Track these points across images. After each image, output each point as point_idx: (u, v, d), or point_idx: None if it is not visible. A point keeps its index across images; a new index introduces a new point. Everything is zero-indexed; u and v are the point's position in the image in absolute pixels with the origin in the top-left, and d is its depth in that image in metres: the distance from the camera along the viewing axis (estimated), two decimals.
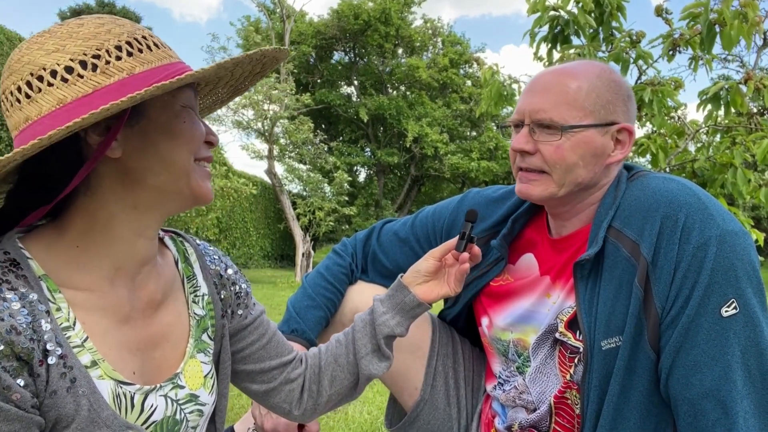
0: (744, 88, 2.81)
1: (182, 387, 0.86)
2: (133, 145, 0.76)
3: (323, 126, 20.42)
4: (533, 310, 1.24)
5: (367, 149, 21.23)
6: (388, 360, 1.09)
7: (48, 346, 0.70)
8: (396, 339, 1.12)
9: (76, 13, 24.69)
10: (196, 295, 0.94)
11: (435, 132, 19.18)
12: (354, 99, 21.54)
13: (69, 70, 0.71)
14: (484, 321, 1.35)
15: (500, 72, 3.71)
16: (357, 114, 19.49)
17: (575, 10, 3.04)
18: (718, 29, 2.66)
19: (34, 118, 0.71)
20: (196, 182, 0.81)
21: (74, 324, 0.74)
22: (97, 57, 0.71)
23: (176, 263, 0.94)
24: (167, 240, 0.95)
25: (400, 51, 21.84)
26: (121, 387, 0.77)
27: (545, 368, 1.22)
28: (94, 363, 0.75)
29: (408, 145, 19.37)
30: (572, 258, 1.19)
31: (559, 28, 3.11)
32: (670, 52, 2.98)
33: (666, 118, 3.10)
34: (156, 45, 0.77)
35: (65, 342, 0.72)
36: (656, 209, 1.06)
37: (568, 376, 1.19)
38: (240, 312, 1.01)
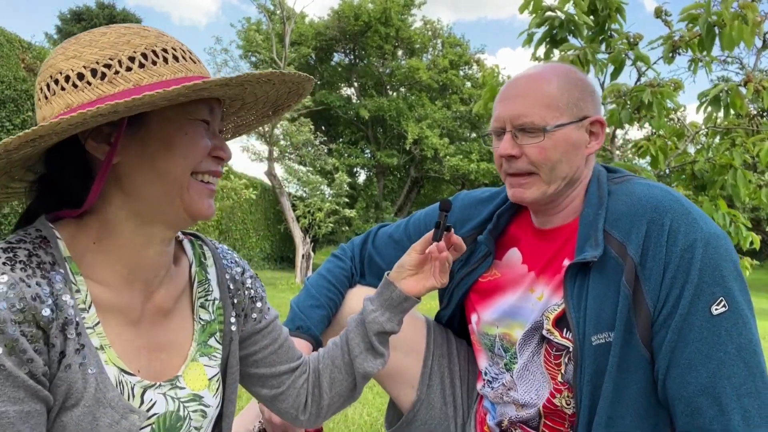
0: (744, 90, 2.81)
1: (182, 388, 0.87)
2: (131, 153, 0.77)
3: (323, 127, 20.44)
4: (518, 305, 1.27)
5: (367, 151, 21.24)
6: (382, 357, 1.10)
7: (68, 321, 0.73)
8: (392, 339, 1.13)
9: (76, 14, 24.69)
10: (206, 300, 0.95)
11: (435, 134, 19.18)
12: (354, 100, 21.54)
13: (80, 76, 0.73)
14: (473, 318, 1.38)
15: (500, 73, 3.72)
16: (357, 115, 19.49)
17: (572, 11, 3.04)
18: (717, 31, 2.66)
19: (48, 118, 0.73)
20: (191, 197, 0.80)
21: (89, 307, 0.77)
22: (108, 66, 0.73)
23: (190, 266, 0.95)
24: (186, 243, 0.96)
25: (400, 52, 21.85)
26: (123, 375, 0.79)
27: (531, 366, 1.24)
28: (101, 347, 0.77)
29: (408, 147, 19.38)
30: (558, 252, 1.23)
31: (555, 29, 3.11)
32: (670, 54, 2.98)
33: (665, 119, 3.10)
34: (176, 58, 0.77)
35: (81, 321, 0.75)
36: (642, 213, 1.12)
37: (559, 377, 1.20)
38: (254, 316, 1.02)
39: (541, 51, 3.41)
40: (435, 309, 1.51)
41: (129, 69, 0.73)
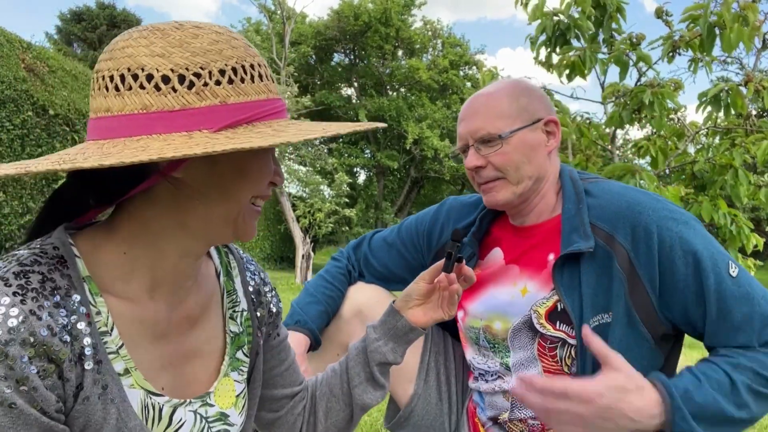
0: (744, 90, 2.81)
1: (212, 405, 0.84)
2: (199, 170, 0.72)
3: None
4: (501, 298, 1.33)
5: (367, 151, 21.24)
6: (383, 389, 1.06)
7: (85, 351, 0.69)
8: None
9: (76, 14, 24.69)
10: (234, 311, 0.92)
11: (435, 135, 19.18)
12: (354, 100, 21.54)
13: (165, 79, 0.67)
14: (460, 314, 1.43)
15: (499, 75, 3.72)
16: (357, 115, 19.50)
17: (576, 14, 3.05)
18: (718, 32, 2.66)
19: (115, 112, 0.68)
20: (244, 221, 0.77)
21: (111, 330, 0.73)
22: (198, 75, 0.68)
23: (218, 275, 0.91)
24: (212, 250, 0.92)
25: (400, 53, 21.86)
26: (150, 398, 0.76)
27: (526, 359, 1.29)
28: (127, 371, 0.74)
29: (408, 147, 19.38)
30: (539, 247, 1.31)
31: (559, 32, 3.11)
32: (670, 54, 2.98)
33: (666, 119, 3.10)
34: (261, 76, 0.73)
35: (102, 346, 0.71)
36: (626, 207, 1.20)
37: (555, 367, 1.26)
38: (270, 332, 0.99)
39: (543, 55, 3.41)
40: None
41: (218, 83, 0.69)
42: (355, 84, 22.02)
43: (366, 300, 1.48)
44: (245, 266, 0.97)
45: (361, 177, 22.39)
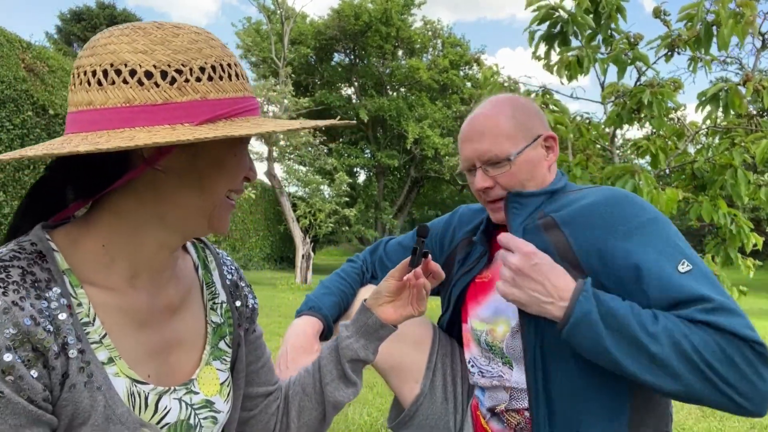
0: (743, 90, 2.81)
1: (196, 393, 0.86)
2: (179, 162, 0.76)
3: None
4: (501, 303, 1.33)
5: (367, 151, 21.24)
6: (354, 386, 1.07)
7: (68, 340, 0.71)
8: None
9: (76, 14, 24.71)
10: (214, 303, 0.94)
11: (436, 134, 19.18)
12: (354, 100, 21.55)
13: (148, 75, 0.70)
14: (467, 317, 1.45)
15: (500, 73, 3.72)
16: (357, 115, 19.50)
17: (574, 9, 3.04)
18: (715, 30, 2.66)
19: (97, 105, 0.70)
20: (218, 214, 0.81)
21: (94, 320, 0.75)
22: (179, 72, 0.71)
23: (196, 269, 0.94)
24: (188, 245, 0.95)
25: (400, 52, 21.86)
26: (135, 386, 0.77)
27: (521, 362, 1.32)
28: (111, 360, 0.75)
29: (408, 147, 19.37)
30: None
31: (558, 27, 3.11)
32: (668, 53, 2.98)
33: (665, 119, 3.10)
34: (237, 75, 0.77)
35: (84, 337, 0.73)
36: (592, 202, 1.22)
37: None
38: (247, 327, 1.01)
39: (542, 50, 3.41)
40: (437, 311, 1.57)
41: (198, 79, 0.72)
42: (355, 84, 22.02)
43: None
44: (222, 261, 0.99)
45: (361, 177, 22.41)
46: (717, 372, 0.98)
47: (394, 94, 21.86)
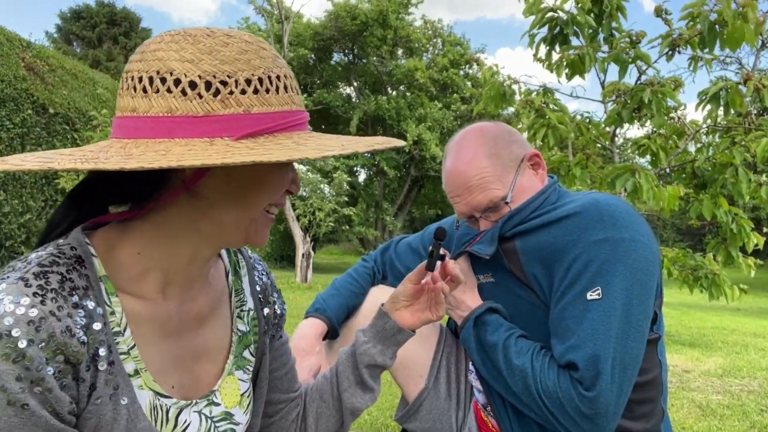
0: (744, 89, 2.81)
1: (217, 404, 0.85)
2: (217, 178, 0.74)
3: (323, 127, 20.41)
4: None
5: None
6: (372, 392, 1.05)
7: (100, 351, 0.70)
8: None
9: (76, 13, 24.69)
10: (241, 310, 0.93)
11: (435, 139, 19.13)
12: (353, 99, 21.54)
13: (192, 85, 0.68)
14: None
15: (500, 72, 3.71)
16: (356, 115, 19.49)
17: (574, 10, 3.04)
18: (718, 29, 2.66)
19: (140, 113, 0.69)
20: (256, 229, 0.79)
21: (124, 330, 0.74)
22: (224, 83, 0.69)
23: (227, 275, 0.93)
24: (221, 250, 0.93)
25: (399, 52, 21.85)
26: (158, 399, 0.77)
27: None
28: (137, 372, 0.75)
29: (408, 148, 19.36)
30: None
31: (558, 28, 3.11)
32: (669, 52, 2.98)
33: (666, 118, 3.10)
34: (285, 88, 0.74)
35: (114, 347, 0.72)
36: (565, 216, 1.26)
37: None
38: (273, 333, 1.00)
39: (543, 52, 3.41)
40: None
41: (243, 92, 0.70)
42: (354, 83, 22.02)
43: (385, 299, 1.54)
44: (253, 266, 0.98)
45: (362, 176, 22.40)
46: (553, 414, 1.17)
47: (394, 93, 21.85)
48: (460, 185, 1.33)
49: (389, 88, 21.87)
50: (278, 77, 0.73)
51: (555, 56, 3.25)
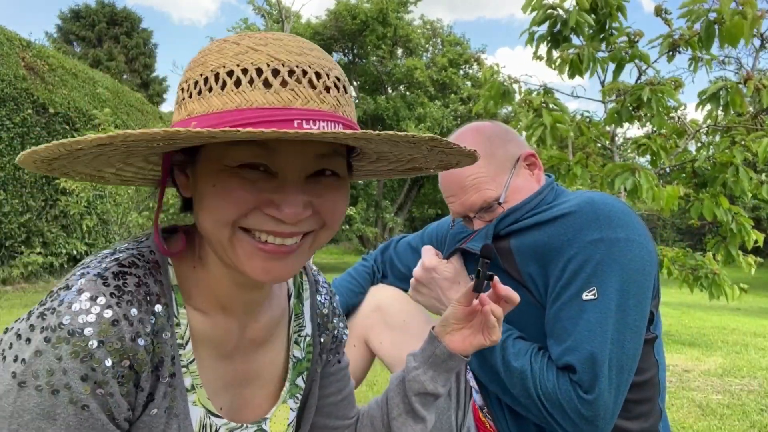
0: (744, 89, 2.81)
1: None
2: (194, 187, 0.70)
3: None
4: None
5: None
6: (423, 422, 0.98)
7: (164, 361, 0.69)
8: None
9: (76, 13, 24.67)
10: (299, 335, 0.89)
11: None
12: (353, 99, 21.51)
13: (198, 84, 0.65)
14: None
15: (500, 72, 3.71)
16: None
17: (572, 9, 3.04)
18: (717, 28, 2.66)
19: (184, 116, 0.66)
20: (236, 256, 0.68)
21: (186, 343, 0.73)
22: (205, 82, 0.64)
23: (289, 297, 0.89)
24: None
25: (399, 51, 21.84)
26: (209, 417, 0.75)
27: None
28: (192, 387, 0.74)
29: None
30: None
31: (557, 27, 3.11)
32: (670, 53, 2.98)
33: (665, 118, 3.10)
34: (284, 82, 0.63)
35: (177, 360, 0.71)
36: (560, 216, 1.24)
37: None
38: (329, 358, 0.96)
39: (543, 50, 3.41)
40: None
41: (225, 86, 0.63)
42: (354, 83, 22.00)
43: (385, 298, 1.56)
44: (317, 290, 0.94)
45: None
46: (552, 416, 1.16)
47: (393, 92, 21.84)
48: (455, 185, 1.33)
49: (389, 88, 21.86)
50: (291, 71, 0.63)
51: (555, 54, 3.25)
